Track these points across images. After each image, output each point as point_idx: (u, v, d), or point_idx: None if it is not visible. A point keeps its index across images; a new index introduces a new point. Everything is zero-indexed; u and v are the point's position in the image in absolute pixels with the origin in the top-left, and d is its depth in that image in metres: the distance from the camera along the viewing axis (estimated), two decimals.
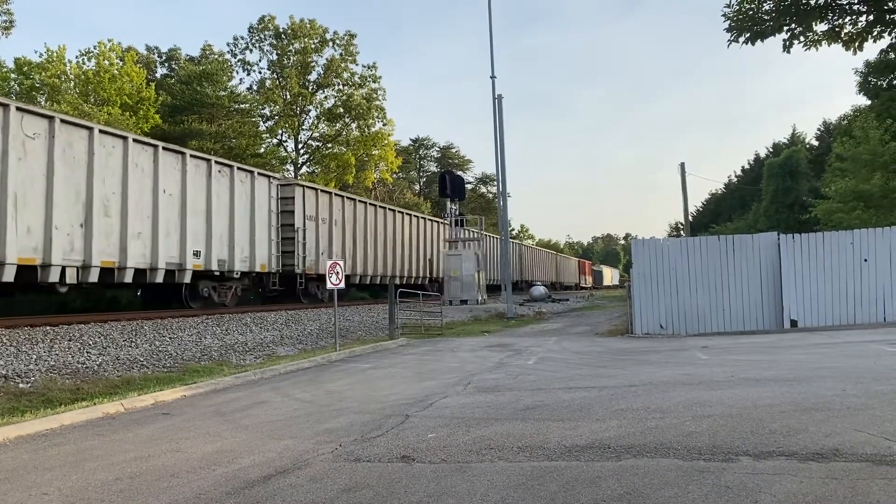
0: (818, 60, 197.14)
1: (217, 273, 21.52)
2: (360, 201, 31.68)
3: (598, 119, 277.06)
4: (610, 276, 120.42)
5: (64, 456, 6.25)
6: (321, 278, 26.34)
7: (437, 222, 40.88)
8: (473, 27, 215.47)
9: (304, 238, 25.88)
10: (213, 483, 5.19)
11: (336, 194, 29.52)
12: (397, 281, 32.60)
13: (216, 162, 21.72)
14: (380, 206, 33.64)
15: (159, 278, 19.16)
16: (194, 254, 20.33)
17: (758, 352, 12.94)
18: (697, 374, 10.04)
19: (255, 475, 5.37)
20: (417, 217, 38.27)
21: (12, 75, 39.89)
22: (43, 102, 36.80)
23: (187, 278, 20.15)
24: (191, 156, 20.62)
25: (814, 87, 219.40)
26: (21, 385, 9.94)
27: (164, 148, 19.54)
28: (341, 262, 16.20)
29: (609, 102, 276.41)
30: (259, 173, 23.91)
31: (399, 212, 35.83)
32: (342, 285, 15.73)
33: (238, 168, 22.83)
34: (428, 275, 37.70)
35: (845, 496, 4.36)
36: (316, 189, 27.57)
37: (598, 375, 10.52)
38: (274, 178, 25.08)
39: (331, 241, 27.84)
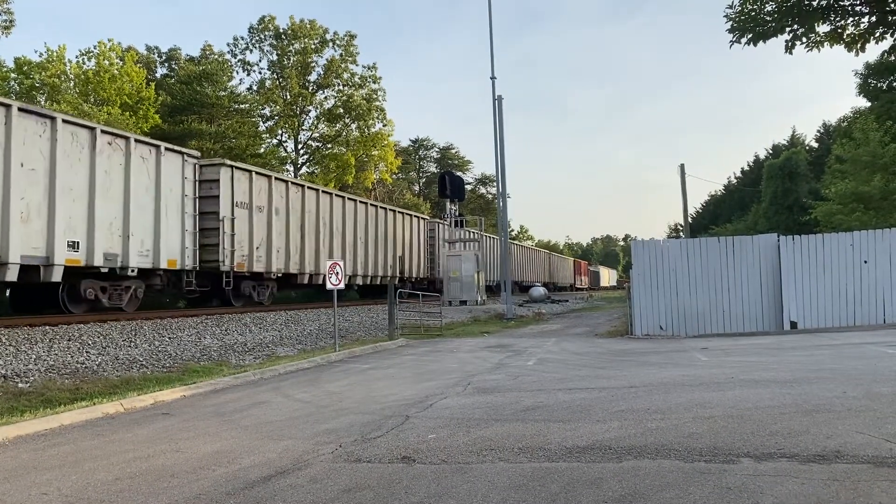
0: (818, 62, 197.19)
1: (104, 270, 17.24)
2: (310, 188, 26.80)
3: (598, 120, 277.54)
4: (608, 276, 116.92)
5: (63, 456, 6.23)
6: (257, 277, 23.42)
7: (413, 216, 37.02)
8: (473, 28, 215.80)
9: (233, 229, 21.44)
10: (213, 483, 5.18)
11: (278, 178, 24.81)
12: (359, 281, 30.15)
13: (104, 132, 17.47)
14: (336, 195, 28.65)
15: (12, 276, 14.71)
16: (69, 245, 16.08)
17: (758, 353, 12.93)
18: (698, 376, 10.03)
19: (255, 476, 5.36)
20: (385, 209, 33.65)
21: (12, 75, 39.84)
22: (43, 102, 36.78)
23: (57, 276, 15.77)
24: (63, 121, 16.23)
25: (814, 88, 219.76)
26: (20, 385, 9.92)
27: (20, 109, 15.20)
28: (341, 263, 16.17)
29: (608, 103, 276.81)
30: (167, 148, 19.61)
31: (361, 202, 31.02)
32: (342, 286, 15.70)
33: (136, 140, 18.49)
34: (398, 274, 33.73)
35: (847, 498, 4.35)
36: (249, 171, 22.97)
37: (598, 376, 10.51)
38: (190, 155, 20.59)
39: (269, 234, 23.49)
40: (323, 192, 27.75)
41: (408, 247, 35.59)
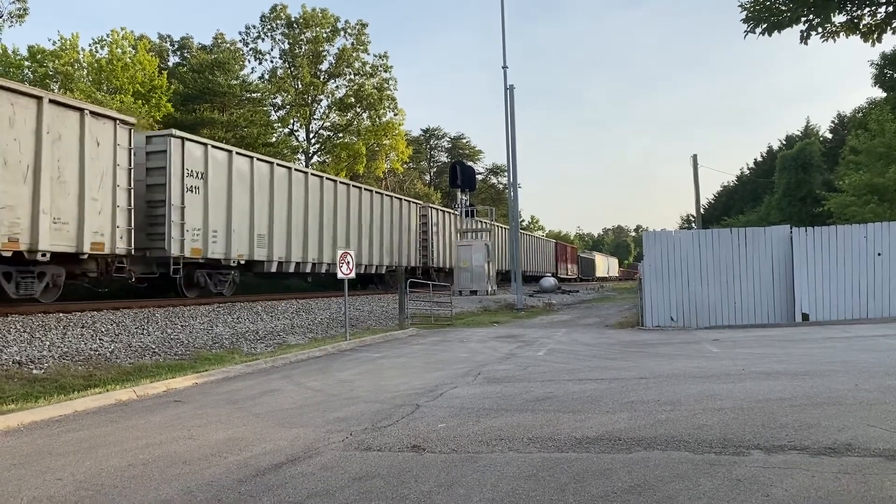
0: (834, 52, 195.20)
1: None
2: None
3: (609, 111, 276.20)
4: (605, 265, 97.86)
5: (77, 442, 6.30)
6: None
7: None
8: (484, 17, 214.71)
9: None
10: (224, 470, 5.22)
11: None
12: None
13: None
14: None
15: None
16: None
17: (769, 345, 12.88)
18: (708, 367, 10.01)
19: (266, 463, 5.40)
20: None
21: (26, 63, 40.03)
22: (56, 90, 36.94)
23: None
24: None
25: (829, 79, 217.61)
26: (35, 371, 10.03)
27: None
28: (352, 252, 16.18)
29: (620, 94, 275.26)
30: None
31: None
32: (352, 275, 15.72)
33: None
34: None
35: (858, 491, 4.34)
36: None
37: (608, 367, 10.50)
38: None
39: None
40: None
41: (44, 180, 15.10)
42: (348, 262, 15.40)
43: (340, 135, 57.65)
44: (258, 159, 23.31)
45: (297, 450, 5.79)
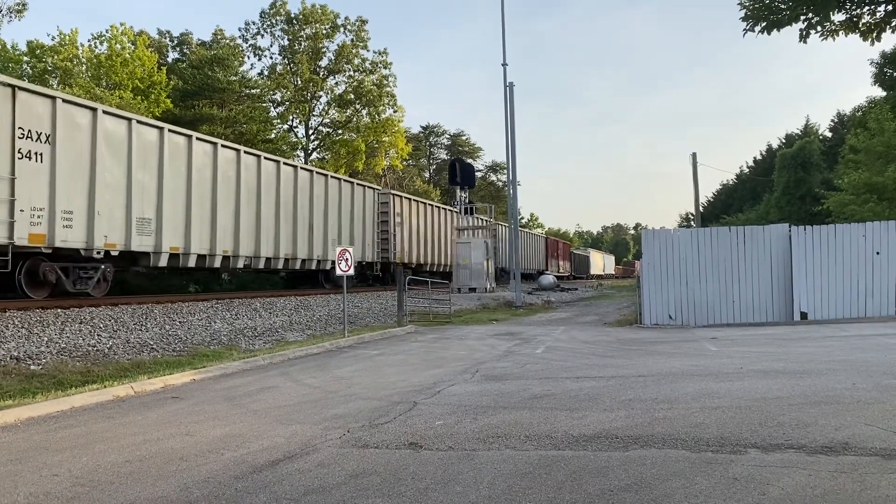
0: (833, 51, 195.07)
1: None
2: None
3: (609, 109, 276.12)
4: (602, 263, 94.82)
5: (74, 438, 6.29)
6: None
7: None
8: (485, 15, 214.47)
9: None
10: (221, 467, 5.22)
11: None
12: None
13: None
14: None
15: None
16: None
17: (767, 344, 12.88)
18: (706, 366, 10.01)
19: (263, 460, 5.39)
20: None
21: (25, 58, 39.98)
22: (55, 86, 36.88)
23: None
24: None
25: (828, 78, 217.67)
26: (32, 367, 10.01)
27: None
28: (350, 250, 16.17)
29: (620, 92, 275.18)
30: None
31: None
32: (351, 272, 15.72)
33: None
34: None
35: (854, 490, 4.34)
36: None
37: (607, 365, 10.51)
38: None
39: None
40: None
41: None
42: (347, 259, 15.41)
43: (340, 131, 57.63)
44: (139, 122, 18.59)
45: (294, 447, 5.79)
